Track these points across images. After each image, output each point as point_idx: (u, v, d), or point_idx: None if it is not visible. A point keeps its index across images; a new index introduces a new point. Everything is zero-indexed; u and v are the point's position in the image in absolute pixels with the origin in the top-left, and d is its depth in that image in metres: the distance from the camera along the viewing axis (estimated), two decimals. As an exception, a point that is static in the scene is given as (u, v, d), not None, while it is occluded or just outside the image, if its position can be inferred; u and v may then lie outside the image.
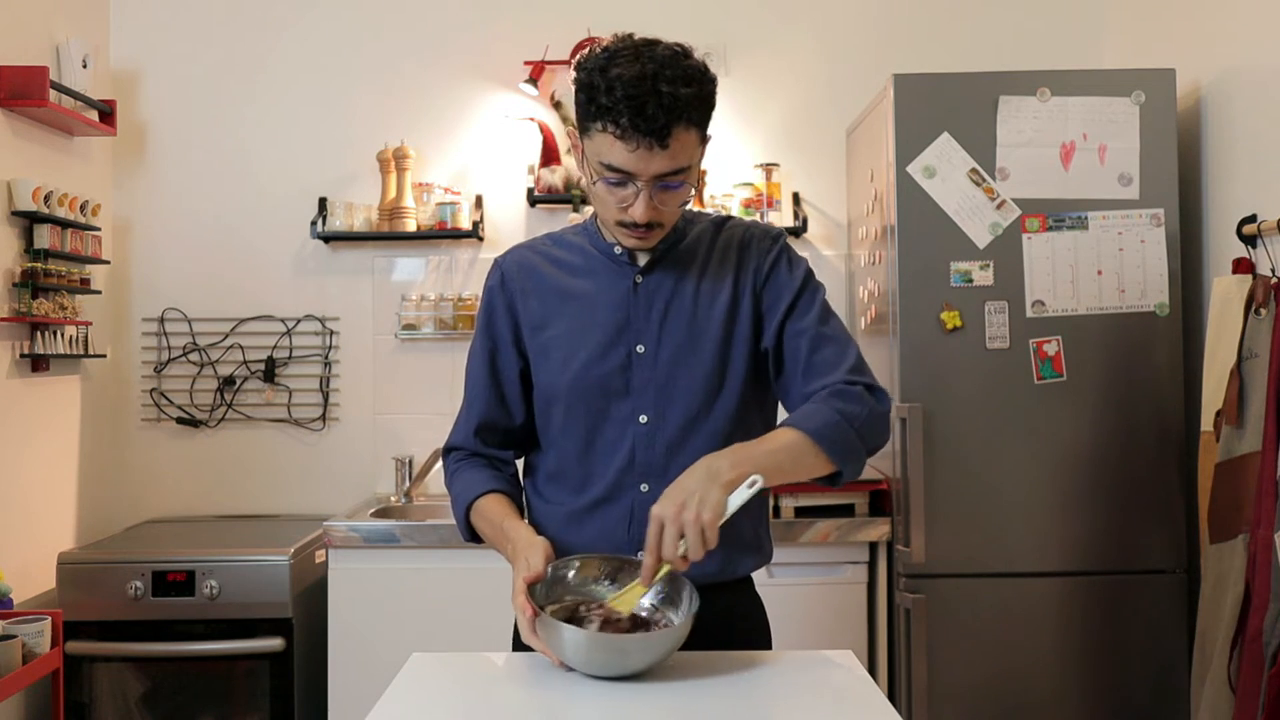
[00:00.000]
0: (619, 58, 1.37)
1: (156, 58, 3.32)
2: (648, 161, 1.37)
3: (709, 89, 1.40)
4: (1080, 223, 2.58)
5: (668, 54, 1.37)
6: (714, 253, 1.56)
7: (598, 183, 1.43)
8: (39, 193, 2.74)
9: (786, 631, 2.12)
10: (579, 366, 1.51)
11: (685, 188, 1.43)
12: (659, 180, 1.40)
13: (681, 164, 1.39)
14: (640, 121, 1.34)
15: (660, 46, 1.39)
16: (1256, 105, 2.44)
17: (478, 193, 3.28)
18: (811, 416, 1.41)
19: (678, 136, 1.36)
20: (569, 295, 1.55)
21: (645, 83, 1.34)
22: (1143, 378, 2.58)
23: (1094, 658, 2.58)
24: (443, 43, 3.32)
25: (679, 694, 1.29)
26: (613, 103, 1.34)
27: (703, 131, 1.42)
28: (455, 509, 1.59)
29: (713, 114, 1.43)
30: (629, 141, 1.36)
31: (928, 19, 3.32)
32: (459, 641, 2.57)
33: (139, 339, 3.30)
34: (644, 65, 1.35)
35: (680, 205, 1.46)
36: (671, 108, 1.34)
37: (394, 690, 1.34)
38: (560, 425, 1.55)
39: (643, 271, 1.53)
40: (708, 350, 1.50)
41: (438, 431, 3.22)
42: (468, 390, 1.63)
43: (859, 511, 2.71)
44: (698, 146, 1.42)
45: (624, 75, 1.34)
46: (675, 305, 1.52)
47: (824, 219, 3.32)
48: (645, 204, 1.41)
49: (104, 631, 2.69)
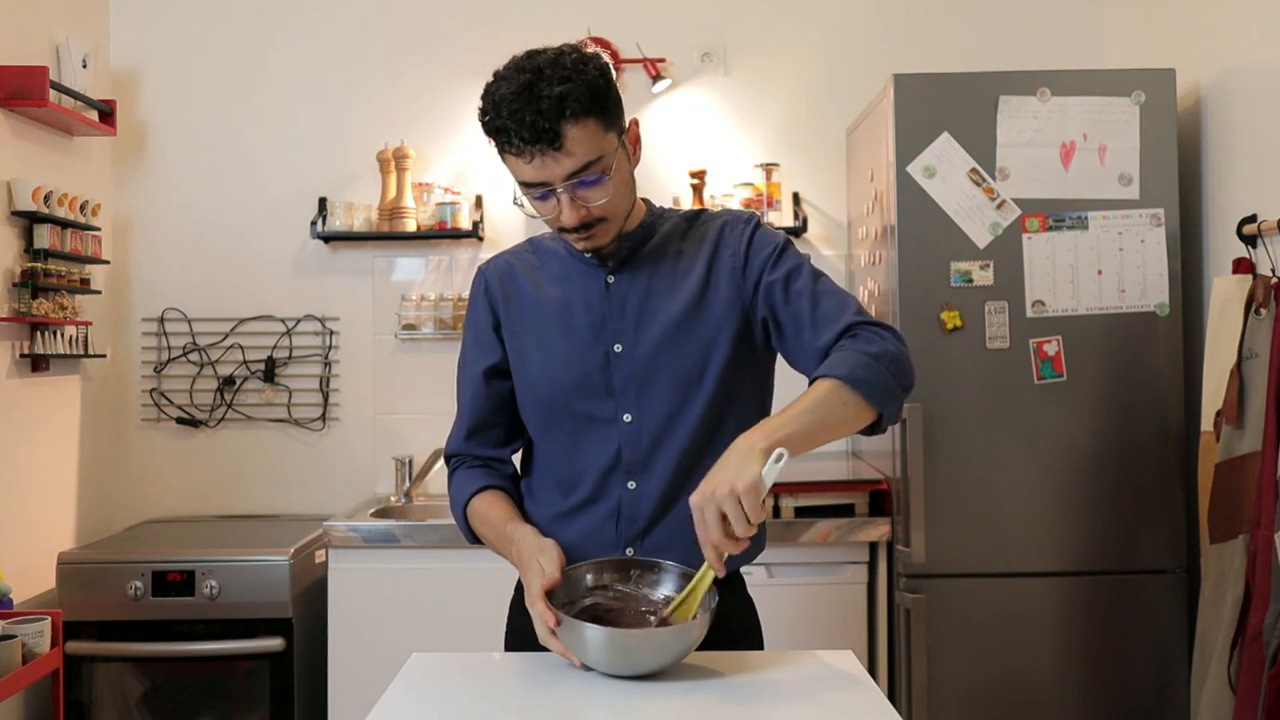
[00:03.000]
0: (502, 79, 1.38)
1: (156, 58, 3.32)
2: (551, 168, 1.37)
3: (591, 77, 1.37)
4: (1080, 223, 2.58)
5: (547, 59, 1.37)
6: (686, 245, 1.56)
7: (524, 202, 1.45)
8: (39, 193, 2.74)
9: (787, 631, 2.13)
10: (559, 369, 1.52)
11: (605, 180, 1.41)
12: (572, 180, 1.39)
13: (586, 159, 1.38)
14: (525, 132, 1.34)
15: (544, 54, 1.39)
16: (1256, 105, 2.44)
17: (478, 193, 3.28)
18: (840, 363, 1.39)
19: (569, 134, 1.35)
20: (546, 300, 1.56)
21: (523, 94, 1.34)
22: (1143, 378, 2.58)
23: (1094, 658, 2.58)
24: (443, 43, 3.32)
25: (679, 694, 1.30)
26: (500, 123, 1.36)
27: (604, 119, 1.39)
28: (454, 512, 1.62)
29: (609, 98, 1.40)
30: (525, 155, 1.37)
31: (928, 19, 3.32)
32: (459, 641, 2.57)
33: (139, 339, 3.30)
34: (521, 78, 1.35)
35: (609, 197, 1.43)
36: (551, 110, 1.33)
37: (394, 690, 1.34)
38: (544, 427, 1.57)
39: (612, 272, 1.54)
40: (685, 343, 1.50)
41: (438, 431, 3.20)
42: (459, 396, 1.65)
43: (859, 511, 2.71)
44: (602, 135, 1.39)
45: (504, 94, 1.36)
46: (649, 302, 1.52)
47: (824, 219, 3.32)
48: (569, 207, 1.41)
49: (104, 631, 2.69)
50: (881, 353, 1.40)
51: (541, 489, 1.59)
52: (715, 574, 1.32)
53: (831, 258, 3.30)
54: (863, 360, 1.39)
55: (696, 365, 1.50)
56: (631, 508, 1.51)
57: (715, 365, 1.50)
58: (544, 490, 1.59)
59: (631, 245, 1.54)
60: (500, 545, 1.53)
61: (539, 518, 1.56)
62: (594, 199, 1.42)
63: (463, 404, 1.65)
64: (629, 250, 1.54)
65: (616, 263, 1.54)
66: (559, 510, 1.55)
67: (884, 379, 1.39)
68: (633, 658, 1.32)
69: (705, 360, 1.50)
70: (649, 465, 1.49)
